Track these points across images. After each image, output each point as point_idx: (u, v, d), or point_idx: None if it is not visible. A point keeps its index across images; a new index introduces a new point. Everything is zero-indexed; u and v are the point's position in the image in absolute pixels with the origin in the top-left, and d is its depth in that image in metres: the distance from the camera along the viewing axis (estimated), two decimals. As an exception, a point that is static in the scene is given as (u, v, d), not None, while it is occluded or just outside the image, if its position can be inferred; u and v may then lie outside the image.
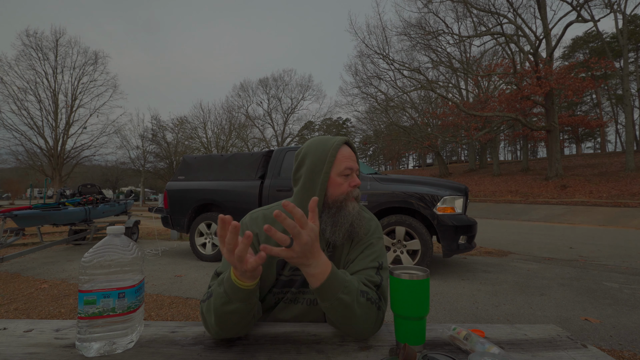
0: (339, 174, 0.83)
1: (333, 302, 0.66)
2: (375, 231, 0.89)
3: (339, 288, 0.66)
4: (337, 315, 0.68)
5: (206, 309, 0.69)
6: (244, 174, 4.56)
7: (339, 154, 0.84)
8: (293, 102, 37.27)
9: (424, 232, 3.46)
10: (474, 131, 21.03)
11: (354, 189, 0.84)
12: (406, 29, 24.13)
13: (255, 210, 0.90)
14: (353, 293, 0.68)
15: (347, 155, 0.84)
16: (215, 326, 0.67)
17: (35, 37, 24.39)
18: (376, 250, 0.84)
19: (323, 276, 0.65)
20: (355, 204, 0.84)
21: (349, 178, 0.84)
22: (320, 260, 0.65)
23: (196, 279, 3.57)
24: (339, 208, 0.82)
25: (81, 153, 26.64)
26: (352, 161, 0.84)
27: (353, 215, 0.82)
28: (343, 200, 0.82)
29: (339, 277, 0.67)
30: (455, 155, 59.96)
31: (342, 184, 0.83)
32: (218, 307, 0.65)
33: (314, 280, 0.65)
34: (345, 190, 0.83)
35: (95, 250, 0.64)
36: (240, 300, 0.64)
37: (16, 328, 0.74)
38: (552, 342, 0.70)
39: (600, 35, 20.19)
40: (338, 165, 0.83)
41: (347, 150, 0.85)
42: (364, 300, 0.69)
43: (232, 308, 0.64)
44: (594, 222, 10.03)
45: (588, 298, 2.79)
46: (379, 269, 0.80)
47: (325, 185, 0.82)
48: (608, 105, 36.72)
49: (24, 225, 4.47)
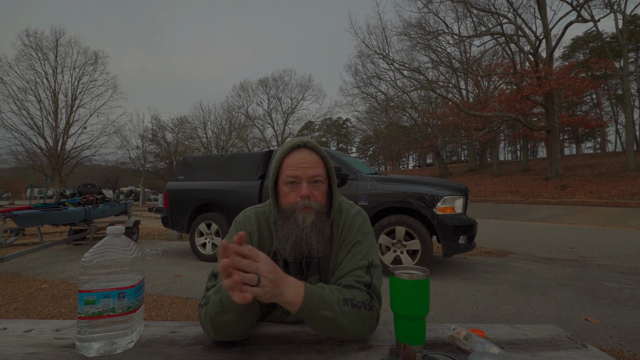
0: (284, 183, 0.77)
1: (318, 321, 0.64)
2: (361, 227, 0.82)
3: (319, 305, 0.64)
4: (326, 330, 0.66)
5: (203, 315, 0.68)
6: (244, 174, 4.56)
7: (285, 161, 0.78)
8: (293, 102, 37.35)
9: (424, 232, 3.46)
10: (474, 131, 21.02)
11: (302, 199, 0.75)
12: (406, 29, 24.16)
13: (248, 209, 0.88)
14: (334, 306, 0.65)
15: (294, 162, 0.77)
16: (212, 332, 0.67)
17: (35, 37, 24.40)
18: (364, 248, 0.78)
19: (299, 299, 0.62)
20: (308, 216, 0.75)
21: (297, 187, 0.77)
22: (290, 284, 0.62)
23: (196, 279, 3.57)
24: (285, 219, 0.77)
25: (81, 153, 26.65)
26: (298, 169, 0.76)
27: (302, 228, 0.74)
28: (291, 212, 0.76)
29: (315, 294, 0.65)
30: (455, 155, 59.95)
31: (288, 194, 0.77)
32: (212, 315, 0.65)
33: (292, 307, 0.62)
34: (291, 201, 0.76)
35: (95, 250, 0.64)
36: (234, 313, 0.63)
37: (16, 328, 0.74)
38: (552, 342, 0.70)
39: (600, 35, 20.18)
40: (282, 174, 0.78)
41: (297, 157, 0.77)
42: (349, 309, 0.67)
43: (226, 319, 0.64)
44: (594, 222, 10.03)
45: (588, 298, 2.79)
46: (368, 267, 0.76)
47: (273, 193, 0.79)
48: (608, 105, 36.72)
49: (24, 225, 4.47)
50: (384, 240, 3.60)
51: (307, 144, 0.79)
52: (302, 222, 0.75)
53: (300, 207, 0.75)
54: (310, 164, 0.77)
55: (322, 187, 0.79)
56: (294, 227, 0.75)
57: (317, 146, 0.80)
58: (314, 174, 0.77)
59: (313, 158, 0.78)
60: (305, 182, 0.77)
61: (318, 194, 0.78)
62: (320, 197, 0.79)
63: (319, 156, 0.80)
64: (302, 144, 0.79)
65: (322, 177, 0.79)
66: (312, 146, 0.79)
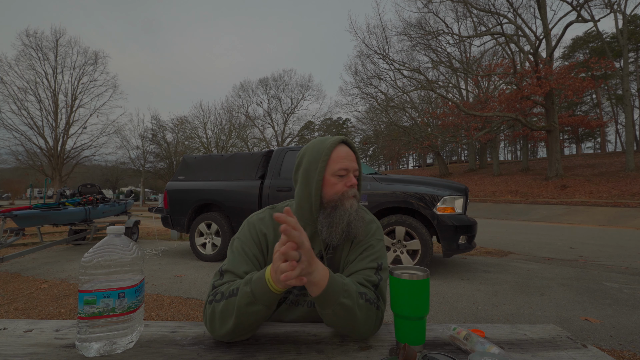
0: (333, 174, 0.82)
1: (335, 308, 0.66)
2: (375, 233, 0.88)
3: (340, 292, 0.66)
4: (340, 320, 0.67)
5: (211, 311, 0.68)
6: (244, 174, 4.56)
7: (334, 154, 0.83)
8: (293, 102, 37.31)
9: (424, 232, 3.46)
10: (474, 131, 21.03)
11: (350, 188, 0.83)
12: (406, 29, 24.16)
13: (262, 211, 0.90)
14: (353, 296, 0.68)
15: (343, 155, 0.83)
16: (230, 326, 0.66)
17: (35, 37, 24.38)
18: (376, 252, 0.83)
19: (324, 282, 0.65)
20: (354, 202, 0.82)
21: (345, 178, 0.83)
22: (319, 266, 0.65)
23: (196, 279, 3.57)
24: (334, 208, 0.81)
25: (81, 153, 26.64)
26: (348, 161, 0.83)
27: (350, 214, 0.80)
28: (338, 200, 0.81)
29: (338, 281, 0.67)
30: (455, 155, 59.95)
31: (336, 184, 0.82)
32: (242, 306, 0.65)
33: (316, 289, 0.64)
34: (340, 190, 0.82)
35: (95, 250, 0.64)
36: (264, 304, 0.65)
37: (16, 328, 0.74)
38: (552, 342, 0.70)
39: (600, 35, 20.18)
40: (332, 166, 0.82)
41: (344, 150, 0.84)
42: (363, 302, 0.69)
43: (255, 309, 0.65)
44: (594, 222, 10.03)
45: (588, 298, 2.79)
46: (377, 269, 0.80)
47: (320, 185, 0.82)
48: (608, 105, 36.71)
49: (24, 225, 4.46)
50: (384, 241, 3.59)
51: (346, 141, 0.87)
52: (351, 208, 0.81)
53: (350, 195, 0.82)
54: (353, 158, 0.85)
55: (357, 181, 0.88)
56: (344, 213, 0.80)
57: (353, 144, 0.88)
58: (356, 167, 0.86)
59: (352, 154, 0.86)
60: (352, 173, 0.84)
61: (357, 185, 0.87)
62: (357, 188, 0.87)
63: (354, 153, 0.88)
64: (344, 141, 0.87)
65: (358, 172, 0.87)
66: (350, 143, 0.88)
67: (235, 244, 0.82)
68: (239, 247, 0.81)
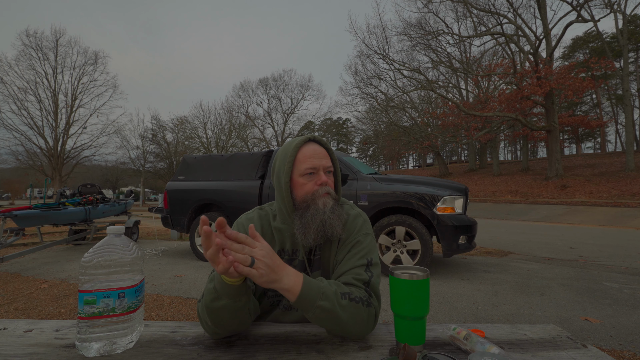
0: (301, 174, 0.81)
1: (315, 312, 0.66)
2: (361, 228, 0.85)
3: (316, 296, 0.66)
4: (323, 323, 0.67)
5: (200, 308, 0.70)
6: (244, 174, 4.56)
7: (299, 154, 0.82)
8: (293, 102, 37.32)
9: (424, 232, 3.46)
10: (474, 131, 21.02)
11: (321, 187, 0.81)
12: (406, 29, 24.14)
13: (251, 211, 0.91)
14: (331, 297, 0.67)
15: (309, 154, 0.82)
16: (209, 323, 0.68)
17: (35, 37, 24.40)
18: (364, 247, 0.81)
19: (297, 288, 0.65)
20: (328, 200, 0.80)
21: (314, 177, 0.81)
22: (289, 272, 0.65)
23: (196, 279, 3.57)
24: (306, 208, 0.80)
25: (81, 153, 26.65)
26: (315, 159, 0.81)
27: (324, 212, 0.78)
28: (310, 200, 0.80)
29: (313, 285, 0.67)
30: (455, 155, 59.94)
31: (305, 184, 0.81)
32: (208, 302, 0.66)
33: (290, 295, 0.65)
34: (310, 190, 0.81)
35: (95, 250, 0.64)
36: (228, 297, 0.64)
37: (16, 328, 0.74)
38: (552, 342, 0.70)
39: (600, 35, 20.19)
40: (298, 166, 0.81)
41: (310, 149, 0.82)
42: (347, 302, 0.68)
43: (221, 304, 0.65)
44: (594, 222, 10.03)
45: (588, 298, 2.79)
46: (367, 265, 0.78)
47: (288, 187, 0.82)
48: (608, 105, 36.71)
49: (24, 225, 4.47)
50: (384, 240, 3.60)
51: (315, 139, 0.85)
52: (324, 206, 0.79)
53: (321, 194, 0.80)
54: (322, 155, 0.83)
55: (332, 178, 0.86)
56: (317, 212, 0.79)
57: (323, 140, 0.87)
58: (327, 164, 0.83)
59: (323, 151, 0.84)
60: (322, 171, 0.82)
61: (331, 183, 0.85)
62: (332, 186, 0.85)
63: (325, 149, 0.86)
64: (312, 138, 0.85)
65: (331, 168, 0.85)
66: (319, 140, 0.86)
67: None
68: None
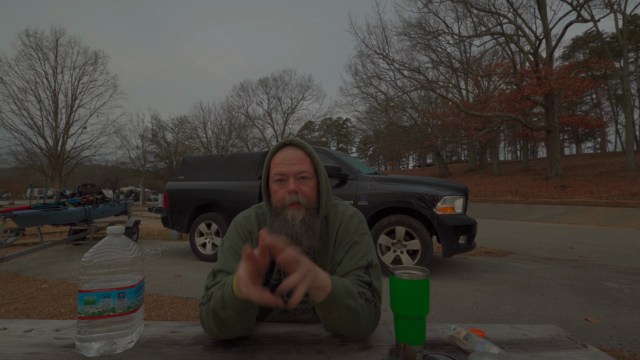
0: (273, 181, 0.79)
1: (341, 311, 0.64)
2: (358, 228, 0.83)
3: (344, 294, 0.65)
4: (345, 323, 0.66)
5: (205, 313, 0.69)
6: (243, 174, 4.56)
7: (273, 160, 0.80)
8: (293, 102, 37.33)
9: (424, 232, 3.46)
10: (474, 131, 21.02)
11: (291, 195, 0.76)
12: (406, 29, 24.14)
13: (248, 209, 0.90)
14: (356, 296, 0.67)
15: (280, 160, 0.79)
16: (214, 328, 0.67)
17: (35, 37, 24.38)
18: (362, 248, 0.79)
19: (328, 285, 0.63)
20: (297, 213, 0.76)
21: (285, 183, 0.78)
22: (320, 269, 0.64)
23: (196, 279, 3.57)
24: (276, 217, 0.78)
25: (81, 153, 26.63)
26: (285, 165, 0.77)
27: (292, 225, 0.75)
28: (281, 209, 0.78)
29: (339, 282, 0.66)
30: (455, 155, 59.93)
31: (277, 191, 0.79)
32: (216, 309, 0.65)
33: (322, 293, 0.63)
34: (281, 198, 0.78)
35: (95, 250, 0.64)
36: (235, 309, 0.64)
37: (16, 328, 0.74)
38: (552, 342, 0.70)
39: (600, 35, 20.18)
40: (272, 172, 0.80)
41: (283, 155, 0.79)
42: (364, 302, 0.68)
43: (226, 315, 0.64)
44: (594, 222, 10.03)
45: (588, 298, 2.79)
46: (367, 267, 0.77)
47: (266, 193, 0.81)
48: (608, 105, 36.70)
49: (24, 225, 4.46)
50: (384, 240, 3.60)
51: (292, 142, 0.81)
52: (292, 219, 0.76)
53: (288, 203, 0.76)
54: (296, 160, 0.78)
55: (310, 183, 0.80)
56: (283, 224, 0.76)
57: (302, 143, 0.82)
58: (299, 169, 0.78)
59: (298, 155, 0.80)
60: (292, 178, 0.78)
61: (306, 190, 0.79)
62: (309, 193, 0.79)
63: (304, 153, 0.81)
64: (287, 143, 0.82)
65: (308, 173, 0.79)
66: (297, 143, 0.81)
67: (225, 244, 0.82)
68: (228, 246, 0.81)
